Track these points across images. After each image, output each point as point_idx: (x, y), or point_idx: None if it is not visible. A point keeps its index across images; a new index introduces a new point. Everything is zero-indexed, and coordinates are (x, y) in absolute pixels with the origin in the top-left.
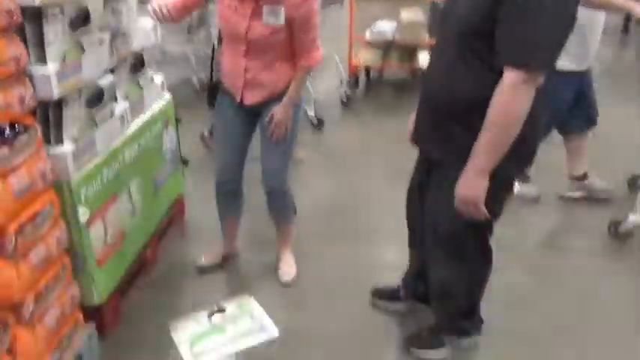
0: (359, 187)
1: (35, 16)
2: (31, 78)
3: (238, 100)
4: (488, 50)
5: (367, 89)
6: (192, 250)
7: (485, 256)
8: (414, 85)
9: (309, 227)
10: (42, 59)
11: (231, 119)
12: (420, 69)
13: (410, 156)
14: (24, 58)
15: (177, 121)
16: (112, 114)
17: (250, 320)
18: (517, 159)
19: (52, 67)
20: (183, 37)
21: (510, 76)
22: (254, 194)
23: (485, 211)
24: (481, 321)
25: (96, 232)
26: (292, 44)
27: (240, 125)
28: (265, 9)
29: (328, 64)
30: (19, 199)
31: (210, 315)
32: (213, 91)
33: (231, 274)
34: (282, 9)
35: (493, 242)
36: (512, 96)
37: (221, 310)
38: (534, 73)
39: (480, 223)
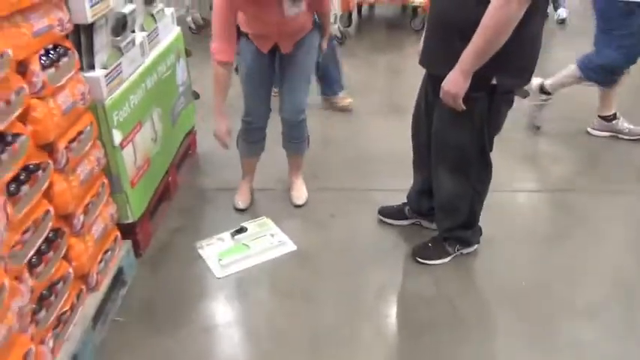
0: (357, 120)
1: None
2: (66, 3)
3: (266, 51)
4: None
5: (359, 26)
6: (207, 178)
7: (486, 170)
8: (404, 20)
9: (314, 156)
10: None
11: (257, 61)
12: (410, 3)
13: (403, 91)
14: None
15: (187, 53)
16: (133, 43)
17: (270, 237)
18: (516, 73)
19: None
20: None
21: None
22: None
23: (463, 105)
24: (480, 231)
25: (127, 154)
26: None
27: (267, 66)
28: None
29: None
30: (66, 117)
31: (234, 234)
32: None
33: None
34: None
35: None
36: (501, 9)
37: (243, 230)
38: None
39: (483, 137)
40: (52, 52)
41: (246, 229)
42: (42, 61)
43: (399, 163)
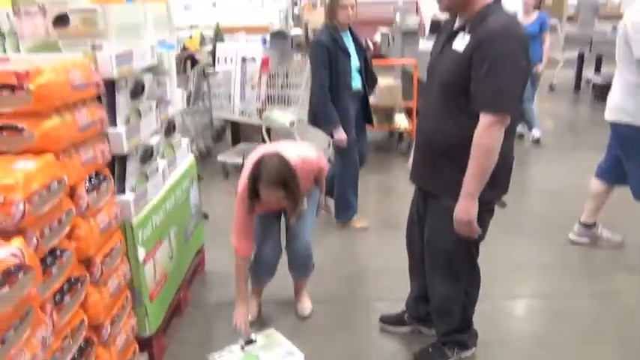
0: (353, 235)
1: (109, 87)
2: (106, 137)
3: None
4: (466, 100)
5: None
6: (216, 294)
7: (475, 273)
8: (391, 143)
9: (317, 267)
10: (113, 122)
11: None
12: (396, 129)
13: (396, 207)
14: (105, 119)
15: (199, 178)
16: (157, 169)
17: (278, 347)
18: (495, 186)
19: (122, 128)
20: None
21: (485, 120)
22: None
23: (478, 228)
24: (476, 335)
25: (149, 270)
26: None
27: (275, 214)
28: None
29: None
30: (103, 235)
31: (244, 346)
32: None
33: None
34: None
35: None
36: (487, 135)
37: (252, 342)
38: (502, 116)
39: (470, 243)
40: (94, 178)
41: (256, 341)
42: (87, 186)
43: (396, 274)
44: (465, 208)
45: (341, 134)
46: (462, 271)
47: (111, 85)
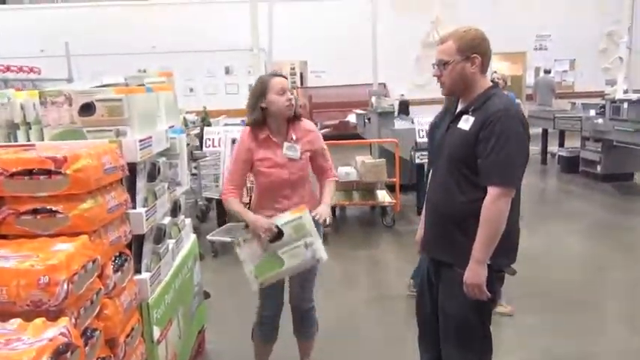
0: (346, 310)
1: (129, 171)
2: (127, 218)
3: None
4: (473, 173)
5: (335, 226)
6: None
7: (488, 341)
8: (374, 217)
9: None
10: (134, 204)
11: None
12: (379, 204)
13: (390, 280)
14: (129, 201)
15: (201, 257)
16: (167, 249)
17: (304, 249)
18: (505, 254)
19: (142, 209)
20: None
21: (492, 192)
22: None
23: (488, 292)
24: None
25: (161, 350)
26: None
27: None
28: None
29: None
30: (126, 315)
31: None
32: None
33: None
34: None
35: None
36: (495, 206)
37: (280, 235)
38: (509, 188)
39: (484, 310)
40: (118, 258)
41: (282, 234)
42: (113, 266)
43: (397, 346)
44: (476, 273)
45: None
46: (476, 339)
47: (132, 169)
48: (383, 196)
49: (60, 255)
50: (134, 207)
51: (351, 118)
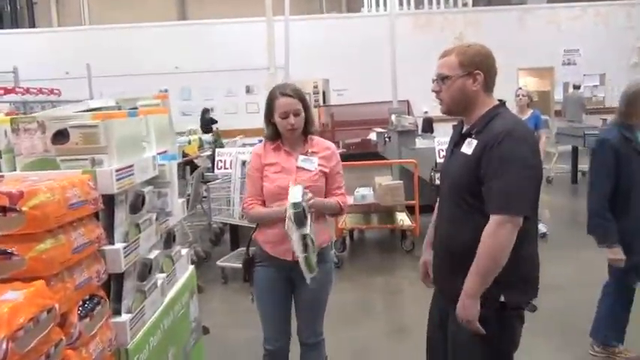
0: (361, 343)
1: (107, 203)
2: (103, 255)
3: (288, 257)
4: (479, 202)
5: (352, 249)
6: None
7: None
8: (393, 241)
9: None
10: (111, 238)
11: (273, 288)
12: (399, 228)
13: (407, 310)
14: (103, 237)
15: (200, 289)
16: (155, 285)
17: None
18: (522, 289)
19: (120, 245)
20: None
21: (493, 220)
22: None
23: (481, 328)
24: None
25: None
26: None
27: (284, 292)
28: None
29: None
30: None
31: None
32: (249, 265)
33: None
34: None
35: None
36: (495, 235)
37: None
38: (511, 217)
39: (500, 355)
40: (88, 302)
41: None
42: (80, 313)
43: None
44: (466, 307)
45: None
46: None
47: (110, 200)
48: (402, 219)
49: (2, 307)
50: (112, 242)
51: (373, 136)
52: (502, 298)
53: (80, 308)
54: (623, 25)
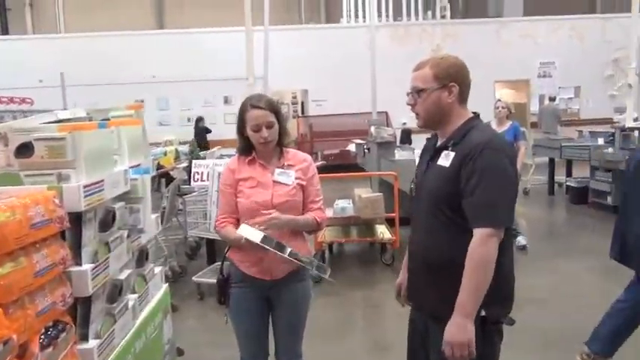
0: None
1: (74, 221)
2: (69, 277)
3: (266, 277)
4: (457, 215)
5: (332, 263)
6: None
7: None
8: (373, 254)
9: None
10: (78, 259)
11: (249, 309)
12: (379, 241)
13: (387, 326)
14: (68, 259)
15: (174, 308)
16: (126, 307)
17: None
18: (501, 302)
19: (88, 267)
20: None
21: (479, 234)
22: None
23: (474, 351)
24: None
25: None
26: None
27: (260, 313)
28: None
29: None
30: None
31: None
32: (224, 287)
33: None
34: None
35: None
36: (483, 250)
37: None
38: (497, 229)
39: None
40: (51, 329)
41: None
42: (41, 341)
43: None
44: (462, 329)
45: None
46: None
47: (77, 218)
48: (382, 232)
49: None
50: (79, 263)
51: (352, 147)
52: (483, 313)
53: (42, 336)
54: (597, 38)
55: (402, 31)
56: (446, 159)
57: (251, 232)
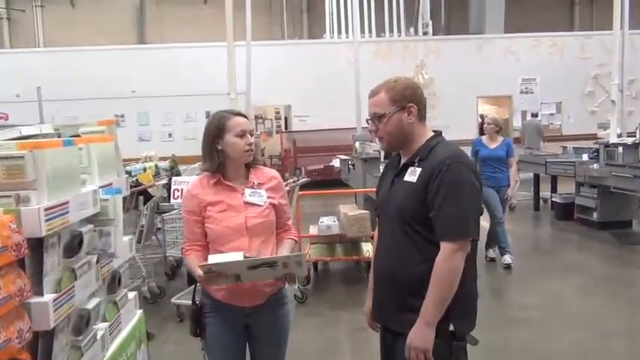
0: None
1: (34, 247)
2: (27, 309)
3: (245, 304)
4: (426, 229)
5: (317, 282)
6: None
7: None
8: (358, 273)
9: None
10: (39, 289)
11: (227, 342)
12: (364, 259)
13: (374, 350)
14: (27, 289)
15: (149, 337)
16: (94, 339)
17: None
18: (466, 317)
19: (49, 297)
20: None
21: (447, 248)
22: None
23: (432, 358)
24: None
25: None
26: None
27: (237, 345)
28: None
29: None
30: None
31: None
32: (198, 317)
33: None
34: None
35: None
36: (450, 263)
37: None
38: (464, 242)
39: None
40: None
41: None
42: None
43: None
44: (423, 336)
45: None
46: None
47: (39, 244)
48: (368, 250)
49: None
50: (41, 293)
51: (336, 163)
52: (451, 328)
53: None
54: (577, 55)
55: (385, 47)
56: (412, 174)
57: (225, 257)
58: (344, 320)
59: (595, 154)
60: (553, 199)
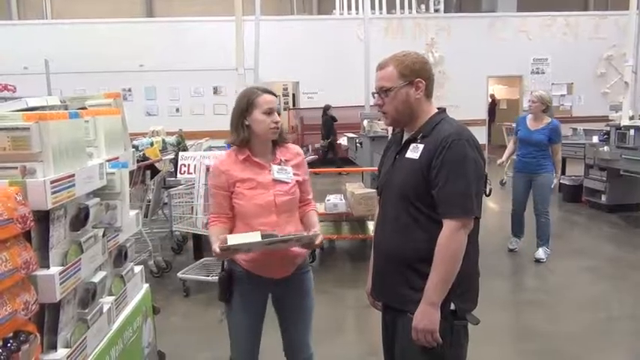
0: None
1: (40, 220)
2: (34, 282)
3: (275, 276)
4: (428, 207)
5: (322, 259)
6: None
7: None
8: (364, 251)
9: None
10: (45, 262)
11: (250, 311)
12: (370, 237)
13: (380, 328)
14: (33, 262)
15: (155, 310)
16: (100, 312)
17: None
18: (468, 296)
19: (55, 270)
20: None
21: (450, 225)
22: None
23: (440, 338)
24: None
25: None
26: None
27: (260, 314)
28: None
29: None
30: None
31: None
32: (228, 283)
33: None
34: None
35: None
36: (454, 240)
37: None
38: (467, 220)
39: None
40: (11, 341)
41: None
42: (3, 352)
43: None
44: (429, 317)
45: None
46: None
47: (45, 217)
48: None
49: None
50: (47, 266)
51: (344, 141)
52: (452, 307)
53: (1, 350)
54: (591, 35)
55: (396, 24)
56: (415, 151)
57: (243, 237)
58: (350, 297)
59: (605, 136)
60: (561, 181)
